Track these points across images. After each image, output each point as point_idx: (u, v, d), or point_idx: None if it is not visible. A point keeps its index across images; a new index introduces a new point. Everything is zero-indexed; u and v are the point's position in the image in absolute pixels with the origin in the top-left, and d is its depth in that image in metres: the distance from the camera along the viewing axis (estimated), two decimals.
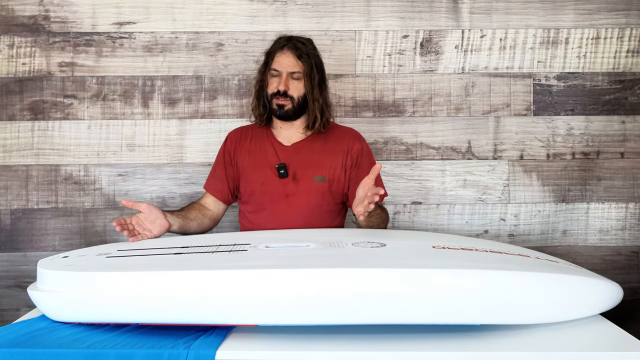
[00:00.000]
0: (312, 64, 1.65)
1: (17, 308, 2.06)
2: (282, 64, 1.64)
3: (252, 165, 1.69)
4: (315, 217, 1.65)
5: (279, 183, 1.65)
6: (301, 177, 1.65)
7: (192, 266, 1.10)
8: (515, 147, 2.08)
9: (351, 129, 1.78)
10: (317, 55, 1.69)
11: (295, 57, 1.64)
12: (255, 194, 1.67)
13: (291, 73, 1.64)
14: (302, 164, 1.66)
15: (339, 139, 1.71)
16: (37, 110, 2.06)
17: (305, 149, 1.69)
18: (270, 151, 1.69)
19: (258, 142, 1.72)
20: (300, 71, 1.64)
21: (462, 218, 2.08)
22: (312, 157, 1.68)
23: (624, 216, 2.08)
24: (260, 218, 1.67)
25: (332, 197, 1.68)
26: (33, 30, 2.05)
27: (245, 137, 1.75)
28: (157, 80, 2.07)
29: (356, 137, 1.74)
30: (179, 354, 0.96)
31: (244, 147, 1.72)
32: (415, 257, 1.17)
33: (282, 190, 1.65)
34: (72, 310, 1.08)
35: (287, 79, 1.64)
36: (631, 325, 1.80)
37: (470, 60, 2.07)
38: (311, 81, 1.65)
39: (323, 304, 1.01)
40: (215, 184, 1.73)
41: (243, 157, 1.71)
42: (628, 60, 2.07)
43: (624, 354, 0.99)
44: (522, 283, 1.05)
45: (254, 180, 1.67)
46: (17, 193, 2.06)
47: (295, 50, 1.64)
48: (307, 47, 1.67)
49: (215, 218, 1.74)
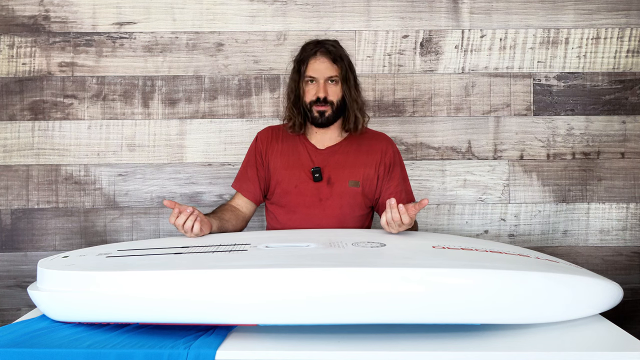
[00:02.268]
0: (346, 66, 1.63)
1: (17, 308, 2.06)
2: (318, 70, 1.62)
3: (285, 167, 1.67)
4: (348, 221, 1.65)
5: (313, 186, 1.63)
6: (336, 181, 1.64)
7: (193, 266, 1.10)
8: (515, 147, 2.08)
9: (382, 133, 1.77)
10: (347, 56, 1.67)
11: (330, 61, 1.62)
12: (289, 195, 1.65)
13: (328, 78, 1.62)
14: (336, 168, 1.65)
15: (372, 143, 1.70)
16: (38, 110, 2.06)
17: (340, 152, 1.67)
18: (304, 154, 1.67)
19: (291, 144, 1.70)
20: (337, 75, 1.62)
21: (462, 218, 2.08)
22: (347, 161, 1.66)
23: (624, 216, 2.08)
24: (293, 221, 1.65)
25: (364, 201, 1.67)
26: (33, 30, 2.05)
27: (276, 137, 1.72)
28: (157, 80, 2.07)
29: (389, 142, 1.73)
30: (179, 354, 0.96)
31: (275, 148, 1.70)
32: (415, 256, 1.17)
33: (316, 194, 1.63)
34: (72, 310, 1.08)
35: (325, 84, 1.62)
36: (631, 325, 1.80)
37: (470, 60, 2.07)
38: (348, 83, 1.63)
39: (323, 304, 1.01)
40: (248, 185, 1.71)
41: (275, 158, 1.69)
42: (628, 60, 2.07)
43: (624, 354, 0.99)
44: (522, 283, 1.05)
45: (288, 182, 1.65)
46: (17, 193, 2.06)
47: (329, 54, 1.62)
48: (339, 50, 1.65)
49: (246, 219, 1.72)
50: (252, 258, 1.16)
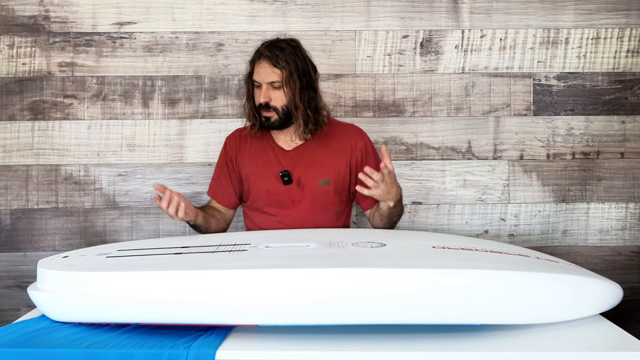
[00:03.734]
0: (291, 70, 1.57)
1: (17, 308, 2.06)
2: (260, 75, 1.59)
3: (255, 172, 1.68)
4: (323, 219, 1.65)
5: (284, 189, 1.64)
6: (306, 182, 1.63)
7: (193, 266, 1.10)
8: (515, 147, 2.08)
9: (352, 126, 1.76)
10: (297, 59, 1.59)
11: (271, 66, 1.57)
12: (261, 200, 1.66)
13: (270, 83, 1.58)
14: (306, 169, 1.64)
15: (341, 138, 1.69)
16: (37, 110, 2.06)
17: (307, 152, 1.66)
18: (272, 157, 1.67)
19: (259, 146, 1.70)
20: (279, 80, 1.57)
21: (462, 218, 2.08)
22: (316, 160, 1.65)
23: (624, 216, 2.08)
24: (268, 222, 1.67)
25: (338, 198, 1.67)
26: (33, 30, 2.05)
27: (245, 140, 1.72)
28: (157, 80, 2.07)
29: (359, 135, 1.71)
30: (179, 354, 0.96)
31: (244, 152, 1.71)
32: (415, 257, 1.17)
33: (288, 197, 1.64)
34: (72, 310, 1.08)
35: (267, 90, 1.58)
36: (631, 325, 1.80)
37: (470, 60, 2.07)
38: (291, 89, 1.58)
39: (323, 304, 1.01)
40: (222, 193, 1.73)
41: (245, 162, 1.70)
42: (628, 60, 2.07)
43: (624, 354, 0.99)
44: (522, 283, 1.05)
45: (259, 187, 1.66)
46: (17, 193, 2.06)
47: (270, 59, 1.57)
48: (285, 52, 1.58)
49: (228, 221, 1.76)
50: (252, 258, 1.16)
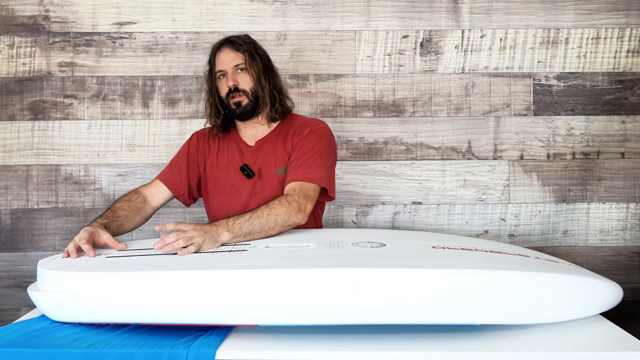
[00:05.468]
0: (252, 52, 1.63)
1: (17, 308, 2.06)
2: (224, 62, 1.63)
3: (220, 167, 1.68)
4: None
5: (247, 183, 1.64)
6: (265, 172, 1.64)
7: (193, 266, 1.10)
8: (515, 147, 2.08)
9: (314, 120, 1.70)
10: (255, 43, 1.67)
11: (234, 50, 1.62)
12: (226, 195, 1.66)
13: (235, 67, 1.62)
14: (265, 160, 1.65)
15: (297, 128, 1.66)
16: (37, 110, 2.06)
17: (268, 144, 1.67)
18: (236, 152, 1.68)
19: (225, 143, 1.70)
20: (243, 62, 1.62)
21: (462, 218, 2.08)
22: (274, 150, 1.65)
23: (624, 216, 2.08)
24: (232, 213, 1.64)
25: None
26: (33, 30, 2.05)
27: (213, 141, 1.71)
28: (157, 80, 2.07)
29: (312, 123, 1.67)
30: (179, 354, 0.96)
31: (211, 149, 1.71)
32: (415, 257, 1.17)
33: (251, 190, 1.63)
34: (72, 310, 1.08)
35: (233, 74, 1.62)
36: (631, 325, 1.80)
37: (470, 60, 2.07)
38: (255, 69, 1.63)
39: (323, 304, 1.01)
40: (174, 178, 1.68)
41: (211, 159, 1.70)
42: (628, 60, 2.07)
43: (624, 354, 0.99)
44: (523, 283, 1.05)
45: (225, 182, 1.66)
46: (17, 193, 2.06)
47: (232, 44, 1.63)
48: (242, 39, 1.66)
49: (154, 209, 1.66)
50: (252, 258, 1.17)
